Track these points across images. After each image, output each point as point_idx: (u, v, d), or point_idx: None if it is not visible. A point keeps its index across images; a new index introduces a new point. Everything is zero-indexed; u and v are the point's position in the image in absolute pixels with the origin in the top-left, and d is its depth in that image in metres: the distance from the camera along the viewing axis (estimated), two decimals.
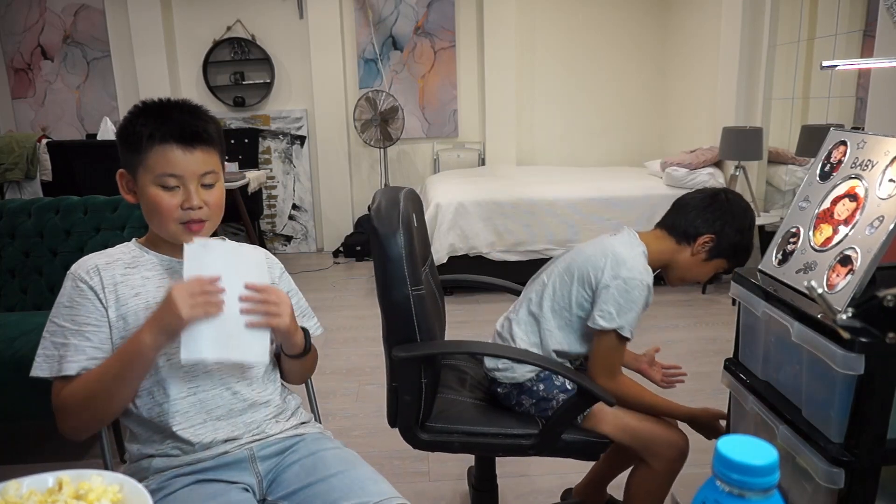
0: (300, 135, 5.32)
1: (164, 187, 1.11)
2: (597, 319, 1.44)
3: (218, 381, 1.15)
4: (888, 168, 1.14)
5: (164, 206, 1.11)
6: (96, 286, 1.10)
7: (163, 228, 1.14)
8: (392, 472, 2.17)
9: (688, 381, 1.80)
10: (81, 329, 1.08)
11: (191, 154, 1.11)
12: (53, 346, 1.08)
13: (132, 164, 1.13)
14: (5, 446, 2.44)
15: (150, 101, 1.15)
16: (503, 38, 5.15)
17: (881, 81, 2.60)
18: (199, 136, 1.12)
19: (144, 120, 1.11)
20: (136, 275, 1.14)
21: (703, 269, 1.54)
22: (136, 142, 1.10)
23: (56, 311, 1.11)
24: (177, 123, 1.11)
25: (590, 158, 5.53)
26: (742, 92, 3.97)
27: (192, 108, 1.15)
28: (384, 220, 1.39)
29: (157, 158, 1.10)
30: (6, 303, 2.49)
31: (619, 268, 1.43)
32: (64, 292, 1.11)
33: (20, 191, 4.51)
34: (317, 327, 1.34)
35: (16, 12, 5.15)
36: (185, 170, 1.11)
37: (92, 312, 1.09)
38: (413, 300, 1.39)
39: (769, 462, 0.50)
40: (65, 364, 1.06)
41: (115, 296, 1.10)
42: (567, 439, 1.47)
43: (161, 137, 1.10)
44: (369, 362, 3.10)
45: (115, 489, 0.74)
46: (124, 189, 1.17)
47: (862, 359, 1.02)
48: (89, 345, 1.08)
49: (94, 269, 1.11)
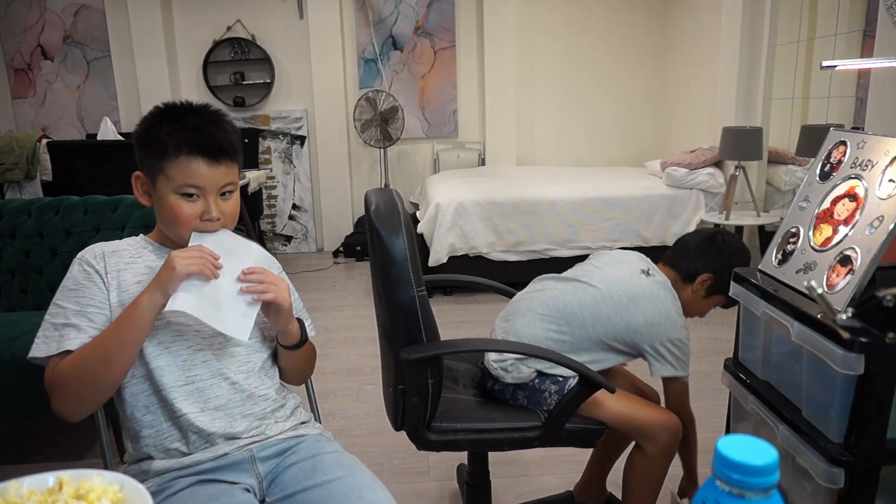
0: (300, 135, 5.32)
1: (184, 196, 1.12)
2: (663, 370, 1.55)
3: (215, 371, 1.15)
4: (888, 168, 1.14)
5: (183, 215, 1.12)
6: (101, 270, 1.13)
7: (177, 234, 1.16)
8: (392, 472, 2.17)
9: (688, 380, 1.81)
10: (84, 310, 1.09)
11: (215, 168, 1.12)
12: (53, 328, 1.09)
13: (152, 169, 1.13)
14: (5, 446, 2.44)
15: (173, 105, 1.15)
16: (503, 38, 5.15)
17: (881, 81, 2.60)
18: (226, 150, 1.13)
19: (169, 127, 1.10)
20: (140, 264, 1.16)
21: (703, 305, 1.66)
22: (160, 149, 1.10)
23: (60, 294, 1.12)
24: (204, 136, 1.11)
25: (590, 158, 5.53)
26: (742, 92, 3.97)
27: (217, 118, 1.15)
28: (385, 221, 1.38)
29: (181, 169, 1.10)
30: (6, 303, 2.49)
31: (672, 330, 1.55)
32: (70, 276, 1.13)
33: (20, 191, 4.51)
34: (310, 328, 1.34)
35: (16, 12, 5.15)
36: (208, 182, 1.12)
37: (96, 294, 1.11)
38: (418, 301, 1.39)
39: (769, 462, 0.50)
40: (65, 342, 1.07)
41: (117, 281, 1.13)
42: (568, 428, 1.50)
43: (188, 149, 1.10)
44: (369, 362, 3.10)
45: (115, 489, 0.74)
46: (139, 191, 1.18)
47: (862, 359, 1.02)
48: (90, 325, 1.09)
49: (101, 255, 1.14)
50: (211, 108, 1.17)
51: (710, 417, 2.48)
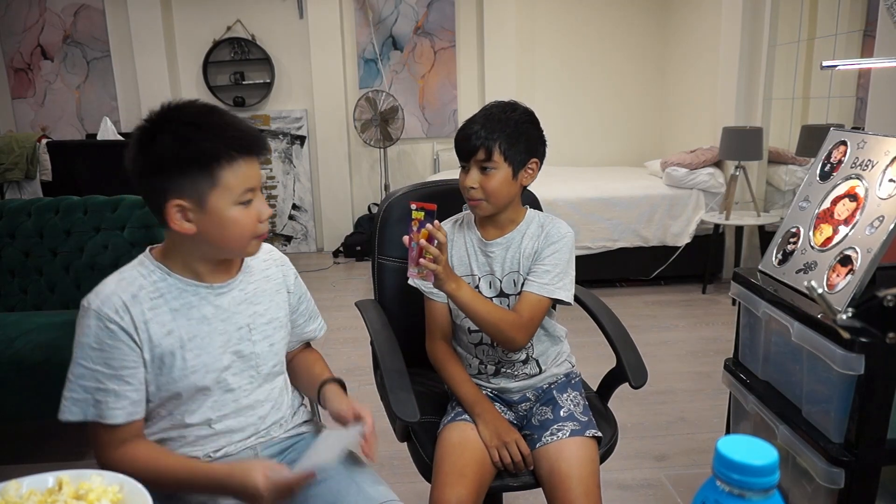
0: (300, 135, 5.32)
1: (244, 204, 1.04)
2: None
3: (242, 408, 1.15)
4: (888, 168, 1.14)
5: (246, 224, 1.04)
6: (128, 326, 1.02)
7: (236, 249, 1.08)
8: (392, 472, 2.17)
9: (688, 381, 1.81)
10: (119, 373, 1.02)
11: (258, 162, 1.06)
12: (84, 390, 1.02)
13: (200, 186, 1.00)
14: (5, 446, 2.44)
15: (176, 112, 1.03)
16: (503, 38, 5.15)
17: (881, 81, 2.60)
18: (262, 141, 1.06)
19: (203, 135, 1.00)
20: (164, 307, 1.06)
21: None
22: (207, 163, 0.99)
23: (82, 353, 1.02)
24: (243, 132, 1.03)
25: (590, 158, 5.53)
26: (742, 92, 3.97)
27: (226, 112, 1.07)
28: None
29: (239, 175, 1.02)
30: (6, 303, 2.49)
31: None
32: (88, 332, 1.01)
33: (20, 191, 4.51)
34: (320, 328, 1.35)
35: (16, 12, 5.15)
36: (258, 180, 1.06)
37: (127, 354, 1.02)
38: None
39: (769, 462, 0.50)
40: (107, 411, 1.02)
41: (147, 335, 1.03)
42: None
43: (239, 151, 1.01)
44: (369, 362, 3.09)
45: (114, 489, 0.74)
46: (178, 222, 1.02)
47: (862, 359, 1.02)
48: (130, 388, 1.03)
49: (123, 307, 1.02)
50: (207, 104, 1.08)
51: (710, 417, 2.48)
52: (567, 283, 1.42)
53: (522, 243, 1.44)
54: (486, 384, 1.49)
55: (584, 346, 2.21)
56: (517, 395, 1.48)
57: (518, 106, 1.43)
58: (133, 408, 1.04)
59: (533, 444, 1.35)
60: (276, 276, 1.22)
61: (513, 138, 1.36)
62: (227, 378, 1.11)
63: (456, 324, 1.49)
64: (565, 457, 1.28)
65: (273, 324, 1.18)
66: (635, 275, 4.17)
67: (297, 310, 1.28)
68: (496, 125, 1.35)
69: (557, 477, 1.27)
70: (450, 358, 1.47)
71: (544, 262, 1.41)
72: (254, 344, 1.14)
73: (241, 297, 1.14)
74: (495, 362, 1.47)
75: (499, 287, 1.44)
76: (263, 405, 1.17)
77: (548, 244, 1.42)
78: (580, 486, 1.24)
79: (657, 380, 2.72)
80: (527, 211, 1.50)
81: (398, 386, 1.32)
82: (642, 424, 2.43)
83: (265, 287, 1.19)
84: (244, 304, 1.14)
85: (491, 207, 1.39)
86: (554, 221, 1.47)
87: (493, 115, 1.37)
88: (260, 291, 1.18)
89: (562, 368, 1.51)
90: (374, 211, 5.42)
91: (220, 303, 1.11)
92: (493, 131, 1.35)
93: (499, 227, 1.45)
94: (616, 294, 4.05)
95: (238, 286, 1.14)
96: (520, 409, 1.48)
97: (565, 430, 1.33)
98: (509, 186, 1.38)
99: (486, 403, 1.39)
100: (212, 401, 1.10)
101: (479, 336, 1.45)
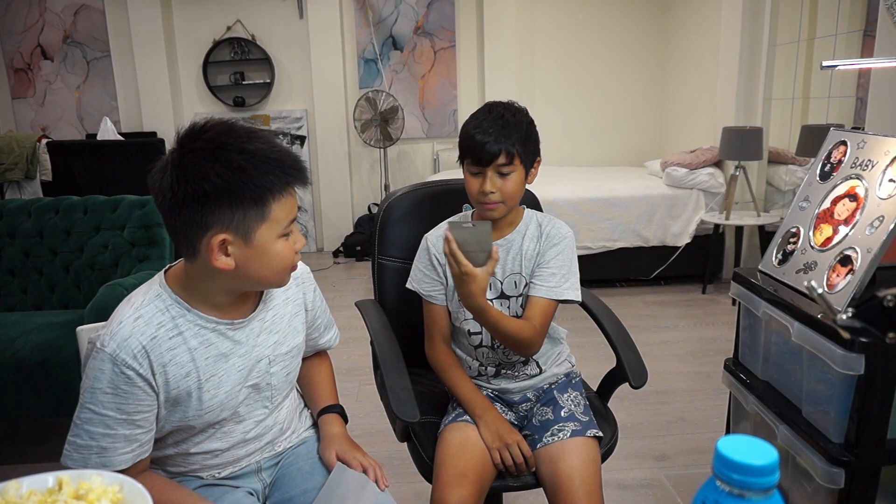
0: (300, 135, 5.32)
1: (285, 237, 0.99)
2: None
3: (252, 437, 1.15)
4: (888, 168, 1.14)
5: (286, 257, 0.99)
6: (146, 373, 0.96)
7: (275, 282, 1.03)
8: (392, 473, 2.17)
9: (688, 381, 1.80)
10: (131, 418, 0.97)
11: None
12: (89, 436, 0.96)
13: (249, 221, 0.93)
14: (5, 446, 2.44)
15: (235, 137, 0.93)
16: (503, 38, 5.15)
17: (881, 81, 2.60)
18: (306, 171, 0.99)
19: (259, 166, 0.92)
20: (182, 346, 1.00)
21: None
22: (262, 196, 0.93)
23: (92, 398, 0.95)
24: (289, 159, 0.96)
25: (590, 158, 5.53)
26: (742, 92, 3.97)
27: (263, 133, 0.98)
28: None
29: (286, 207, 0.96)
30: (6, 303, 2.49)
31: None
32: (101, 377, 0.95)
33: (20, 191, 4.51)
34: (335, 338, 1.34)
35: (16, 12, 5.15)
36: (297, 210, 1.01)
37: (143, 399, 0.97)
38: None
39: (769, 462, 0.50)
40: (114, 457, 0.98)
41: (164, 378, 0.99)
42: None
43: (288, 181, 0.96)
44: (369, 362, 3.09)
45: (115, 489, 0.74)
46: (219, 257, 0.94)
47: (862, 359, 1.02)
48: (141, 432, 0.99)
49: (142, 352, 0.96)
50: (245, 125, 0.98)
51: (710, 417, 2.48)
52: (573, 282, 1.42)
53: (523, 245, 1.44)
54: (487, 385, 1.49)
55: (584, 346, 2.21)
56: (518, 396, 1.48)
57: (520, 106, 1.43)
58: (141, 449, 1.00)
59: (534, 444, 1.35)
60: (297, 298, 1.18)
61: (525, 139, 1.37)
62: (240, 411, 1.10)
63: (455, 326, 1.48)
64: (567, 457, 1.28)
65: (292, 352, 1.16)
66: (635, 275, 4.17)
67: (313, 324, 1.25)
68: (511, 129, 1.35)
69: (559, 478, 1.26)
70: (450, 361, 1.46)
71: (549, 265, 1.41)
72: (271, 376, 1.11)
73: (260, 328, 1.09)
74: (495, 364, 1.47)
75: (499, 288, 1.44)
76: (272, 430, 1.17)
77: (550, 246, 1.42)
78: (583, 487, 1.24)
79: (657, 380, 2.72)
80: (524, 211, 1.50)
81: (398, 386, 1.32)
82: (642, 424, 2.43)
83: (284, 312, 1.14)
84: (263, 334, 1.09)
85: (506, 209, 1.40)
86: (552, 222, 1.47)
87: (505, 118, 1.36)
88: (279, 317, 1.13)
89: (562, 368, 1.51)
90: (374, 211, 5.42)
91: (240, 337, 1.06)
92: (510, 135, 1.34)
93: (499, 229, 1.45)
94: (616, 294, 4.05)
95: (258, 316, 1.09)
96: (520, 409, 1.48)
97: (566, 431, 1.33)
98: (523, 187, 1.40)
99: (487, 405, 1.39)
100: (221, 432, 1.09)
101: (479, 338, 1.45)
